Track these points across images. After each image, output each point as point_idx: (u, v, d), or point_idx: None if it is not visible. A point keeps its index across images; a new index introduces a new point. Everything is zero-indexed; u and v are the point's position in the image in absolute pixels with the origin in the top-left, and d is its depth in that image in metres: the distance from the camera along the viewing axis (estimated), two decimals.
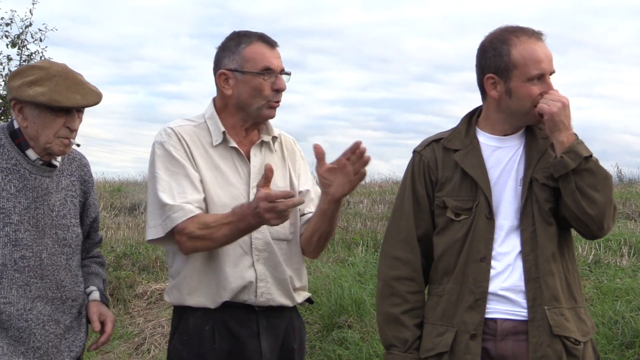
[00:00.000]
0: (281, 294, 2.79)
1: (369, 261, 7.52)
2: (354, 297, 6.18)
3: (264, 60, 2.71)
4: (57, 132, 2.53)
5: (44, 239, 2.57)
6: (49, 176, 2.61)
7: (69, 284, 2.66)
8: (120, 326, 6.65)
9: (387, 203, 11.97)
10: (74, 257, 2.69)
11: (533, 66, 2.47)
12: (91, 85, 2.59)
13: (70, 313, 2.68)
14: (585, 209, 2.43)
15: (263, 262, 2.74)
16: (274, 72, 2.72)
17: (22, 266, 2.52)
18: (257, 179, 2.70)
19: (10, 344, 2.51)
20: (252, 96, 2.72)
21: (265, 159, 2.79)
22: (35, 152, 2.57)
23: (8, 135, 2.58)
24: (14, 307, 2.51)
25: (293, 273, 2.84)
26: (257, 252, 2.74)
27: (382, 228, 9.67)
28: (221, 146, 2.76)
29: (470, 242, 2.54)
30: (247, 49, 2.72)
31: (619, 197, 11.54)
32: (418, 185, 2.66)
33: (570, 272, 2.56)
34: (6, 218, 2.51)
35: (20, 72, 2.57)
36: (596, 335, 5.14)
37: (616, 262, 7.22)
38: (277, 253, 2.78)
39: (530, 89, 2.48)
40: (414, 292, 2.63)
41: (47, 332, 2.59)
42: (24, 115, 2.54)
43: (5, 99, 13.02)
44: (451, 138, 2.65)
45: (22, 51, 13.24)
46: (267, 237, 2.75)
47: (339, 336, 5.80)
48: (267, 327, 2.78)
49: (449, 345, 2.51)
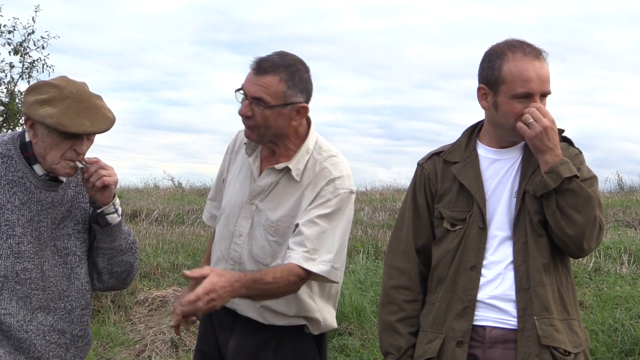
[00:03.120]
0: (249, 309, 2.84)
1: (369, 269, 7.53)
2: (355, 305, 6.19)
3: (244, 81, 2.75)
4: (64, 154, 2.51)
5: (45, 251, 2.57)
6: (54, 190, 2.61)
7: (74, 293, 2.65)
8: (122, 333, 6.66)
9: (388, 210, 11.97)
10: (81, 264, 2.67)
11: (520, 84, 2.47)
12: (105, 110, 2.54)
13: (80, 322, 2.68)
14: (564, 229, 2.45)
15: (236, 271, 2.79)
16: (245, 97, 2.74)
17: (23, 278, 2.52)
18: (259, 198, 2.82)
19: (10, 352, 2.52)
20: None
21: (278, 184, 2.81)
22: (42, 167, 2.56)
23: (18, 147, 2.57)
24: (14, 319, 2.52)
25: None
26: (232, 262, 2.86)
27: (383, 235, 9.67)
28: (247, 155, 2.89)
29: (462, 251, 2.59)
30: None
31: (619, 205, 11.54)
32: (419, 197, 2.72)
33: (563, 284, 2.56)
34: (10, 230, 2.51)
35: (37, 87, 2.53)
36: (596, 343, 5.16)
37: (616, 269, 7.23)
38: (251, 270, 2.77)
39: (514, 106, 2.49)
40: (410, 301, 2.68)
41: (48, 343, 2.59)
42: (35, 132, 2.52)
43: (7, 106, 13.07)
44: (451, 151, 2.70)
45: (25, 58, 13.27)
46: (244, 253, 2.84)
47: (339, 343, 5.82)
48: (243, 330, 2.87)
49: (436, 352, 2.56)
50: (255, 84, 2.70)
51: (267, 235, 2.80)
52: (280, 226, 2.79)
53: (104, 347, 6.48)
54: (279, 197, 2.81)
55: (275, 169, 2.80)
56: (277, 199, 2.81)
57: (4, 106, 13.16)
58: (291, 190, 2.80)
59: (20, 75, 13.26)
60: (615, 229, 9.72)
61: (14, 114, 12.93)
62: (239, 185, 2.90)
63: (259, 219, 2.82)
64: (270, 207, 2.80)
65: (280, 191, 2.81)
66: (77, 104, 2.47)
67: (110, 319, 6.99)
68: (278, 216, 2.80)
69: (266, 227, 2.80)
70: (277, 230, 2.79)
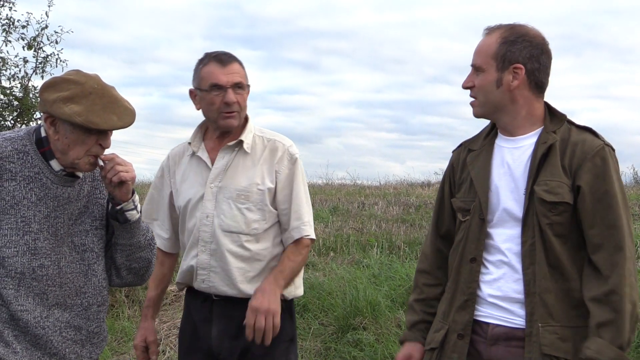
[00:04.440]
0: (224, 284, 3.08)
1: (383, 263, 7.52)
2: (369, 299, 6.17)
3: (211, 77, 3.03)
4: (89, 150, 2.51)
5: (62, 248, 2.57)
6: (70, 185, 2.60)
7: (91, 290, 2.64)
8: (136, 327, 6.67)
9: (402, 205, 11.96)
10: (98, 261, 2.67)
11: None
12: (126, 102, 2.54)
13: (96, 319, 2.67)
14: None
15: (208, 253, 3.09)
16: (223, 87, 3.02)
17: (40, 275, 2.51)
18: (218, 179, 3.10)
19: (27, 347, 2.51)
20: (208, 110, 3.09)
21: (234, 161, 3.11)
22: (60, 163, 2.55)
23: (34, 142, 2.55)
24: (30, 315, 2.51)
25: (247, 265, 3.08)
26: (202, 244, 3.10)
27: (397, 230, 9.66)
28: (194, 156, 3.19)
29: (465, 242, 2.58)
30: (202, 69, 3.07)
31: (634, 199, 11.48)
32: (445, 186, 2.76)
33: (579, 289, 2.42)
34: (26, 227, 2.50)
35: (54, 84, 2.50)
36: None
37: None
38: (225, 244, 3.07)
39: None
40: (429, 285, 2.76)
41: (65, 339, 2.58)
42: (56, 129, 2.50)
43: (21, 101, 13.11)
44: (474, 139, 2.69)
45: (38, 53, 13.31)
46: (214, 228, 3.08)
47: (353, 338, 5.80)
48: (221, 315, 3.11)
49: (439, 342, 2.58)
50: (229, 73, 3.03)
51: (237, 204, 3.07)
52: (250, 192, 3.07)
53: (118, 342, 6.50)
54: (237, 171, 3.10)
55: (229, 147, 3.10)
56: (236, 173, 3.10)
57: (18, 101, 13.20)
58: (247, 163, 3.11)
59: (33, 70, 13.31)
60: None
61: (27, 109, 12.97)
62: (190, 182, 3.17)
63: (223, 195, 3.08)
64: (233, 181, 3.09)
65: (237, 166, 3.11)
66: (101, 100, 2.46)
67: (125, 313, 7.01)
68: (244, 184, 3.08)
69: (234, 198, 3.07)
70: (247, 197, 3.07)
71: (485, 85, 2.51)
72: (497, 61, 2.48)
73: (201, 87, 3.06)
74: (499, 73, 2.48)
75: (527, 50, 2.46)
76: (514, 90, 2.48)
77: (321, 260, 8.23)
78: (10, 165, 2.50)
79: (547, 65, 2.50)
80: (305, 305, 6.44)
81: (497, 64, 2.48)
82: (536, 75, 2.48)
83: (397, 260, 7.85)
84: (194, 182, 3.15)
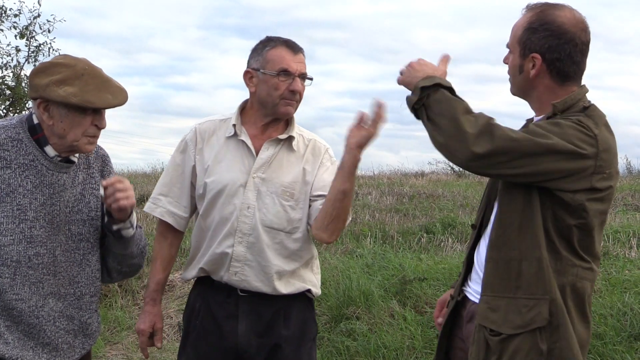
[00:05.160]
0: (258, 279, 2.99)
1: (377, 253, 7.53)
2: (362, 289, 6.18)
3: (282, 62, 2.95)
4: (85, 131, 2.52)
5: (58, 236, 2.57)
6: (65, 172, 2.59)
7: (84, 280, 2.65)
8: (129, 317, 6.68)
9: (396, 195, 11.97)
10: (93, 251, 2.67)
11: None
12: (116, 82, 2.56)
13: (88, 309, 2.68)
14: (435, 138, 2.36)
15: (246, 245, 2.97)
16: (292, 74, 2.95)
17: (35, 263, 2.51)
18: (261, 170, 2.99)
19: (20, 338, 2.51)
20: (268, 94, 2.97)
21: (278, 155, 3.03)
22: (55, 149, 2.55)
23: (27, 129, 2.55)
24: (25, 304, 2.51)
25: (284, 264, 3.01)
26: (240, 235, 2.98)
27: (391, 220, 9.67)
28: (233, 138, 3.05)
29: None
30: (270, 51, 2.98)
31: (628, 189, 11.52)
32: None
33: (526, 259, 2.34)
34: (22, 215, 2.50)
35: (44, 69, 2.51)
36: (604, 327, 5.14)
37: (625, 253, 7.21)
38: (265, 239, 2.98)
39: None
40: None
41: (58, 329, 2.58)
42: (50, 113, 2.50)
43: (14, 90, 13.06)
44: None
45: (31, 42, 13.28)
46: (256, 222, 2.98)
47: (347, 327, 5.81)
48: (248, 311, 3.01)
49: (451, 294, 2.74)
50: (299, 62, 2.98)
51: (281, 200, 2.99)
52: (295, 190, 3.01)
53: (111, 332, 6.50)
54: (282, 166, 3.02)
55: (278, 139, 3.03)
56: (281, 167, 3.02)
57: (11, 90, 13.16)
58: (291, 159, 3.05)
59: (26, 59, 13.30)
60: (624, 212, 9.70)
61: (20, 98, 12.94)
62: (227, 166, 3.03)
63: (267, 188, 2.99)
64: (278, 175, 3.00)
65: (281, 160, 3.03)
66: (94, 80, 2.49)
67: (118, 303, 7.01)
68: (290, 180, 3.01)
69: (279, 193, 2.99)
70: (292, 194, 3.00)
71: (511, 68, 2.53)
72: (520, 47, 2.48)
73: (266, 69, 2.96)
74: (521, 59, 2.47)
75: (546, 40, 2.41)
76: (534, 78, 2.46)
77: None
78: (5, 153, 2.50)
79: (573, 54, 2.43)
80: None
81: (520, 49, 2.47)
82: (557, 65, 2.43)
83: (390, 250, 7.86)
84: (233, 167, 3.02)
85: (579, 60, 2.46)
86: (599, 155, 2.30)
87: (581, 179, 2.29)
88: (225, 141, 3.06)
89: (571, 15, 2.44)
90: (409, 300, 6.18)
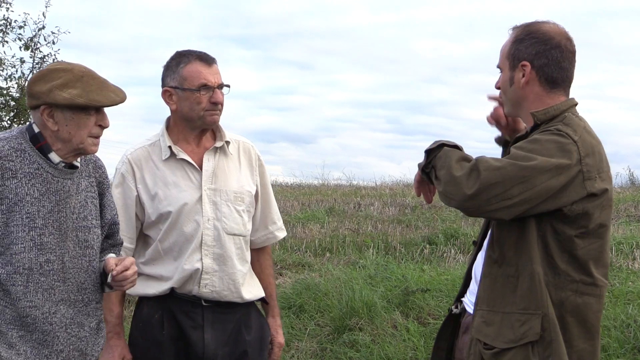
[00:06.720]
0: (227, 289, 3.09)
1: (379, 263, 7.52)
2: (365, 300, 6.18)
3: (200, 77, 3.03)
4: (90, 132, 2.56)
5: (66, 242, 2.59)
6: (70, 178, 2.63)
7: (91, 286, 2.67)
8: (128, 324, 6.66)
9: (398, 205, 11.96)
10: (96, 258, 2.70)
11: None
12: (112, 83, 2.63)
13: (95, 315, 2.70)
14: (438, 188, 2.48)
15: (212, 257, 3.06)
16: (211, 87, 3.03)
17: (47, 270, 2.54)
18: (209, 181, 3.08)
19: (34, 347, 2.53)
20: (191, 109, 3.05)
21: (219, 163, 3.13)
22: (59, 155, 2.58)
23: (29, 139, 2.58)
24: (39, 311, 2.53)
25: (244, 267, 3.14)
26: (206, 248, 3.06)
27: (393, 230, 9.66)
28: (171, 159, 3.10)
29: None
30: (185, 68, 3.04)
31: (631, 200, 11.50)
32: None
33: (520, 275, 2.38)
34: (31, 222, 2.52)
35: (43, 76, 2.55)
36: (608, 339, 5.13)
37: (628, 265, 7.20)
38: (229, 247, 3.09)
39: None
40: None
41: (70, 335, 2.60)
42: (55, 119, 2.54)
43: (18, 101, 13.09)
44: None
45: (35, 54, 13.30)
46: (219, 232, 3.07)
47: (349, 339, 5.80)
48: (213, 321, 3.09)
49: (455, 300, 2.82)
50: (215, 73, 3.05)
51: (235, 206, 3.11)
52: (244, 194, 3.14)
53: None
54: (226, 173, 3.13)
55: (215, 148, 3.12)
56: (225, 175, 3.12)
57: (15, 101, 13.19)
58: (230, 165, 3.16)
59: (30, 71, 13.30)
60: (627, 224, 9.68)
61: (24, 109, 12.96)
62: (177, 186, 3.07)
63: (220, 198, 3.09)
64: (226, 183, 3.11)
65: (223, 168, 3.13)
66: (94, 81, 2.55)
67: None
68: (237, 185, 3.13)
69: (232, 200, 3.10)
70: (242, 199, 3.13)
71: (502, 84, 2.57)
72: (509, 60, 2.52)
73: (184, 86, 3.02)
74: (511, 72, 2.52)
75: (534, 46, 2.47)
76: (524, 87, 2.49)
77: (317, 261, 8.24)
78: (10, 164, 2.52)
79: (560, 59, 2.47)
80: (302, 306, 6.44)
81: (509, 62, 2.52)
82: (545, 71, 2.47)
83: (393, 261, 7.86)
84: (183, 186, 3.06)
85: (567, 67, 2.50)
86: (582, 160, 2.32)
87: (575, 188, 2.31)
88: (164, 164, 3.09)
89: (555, 27, 2.52)
90: (412, 311, 6.18)
